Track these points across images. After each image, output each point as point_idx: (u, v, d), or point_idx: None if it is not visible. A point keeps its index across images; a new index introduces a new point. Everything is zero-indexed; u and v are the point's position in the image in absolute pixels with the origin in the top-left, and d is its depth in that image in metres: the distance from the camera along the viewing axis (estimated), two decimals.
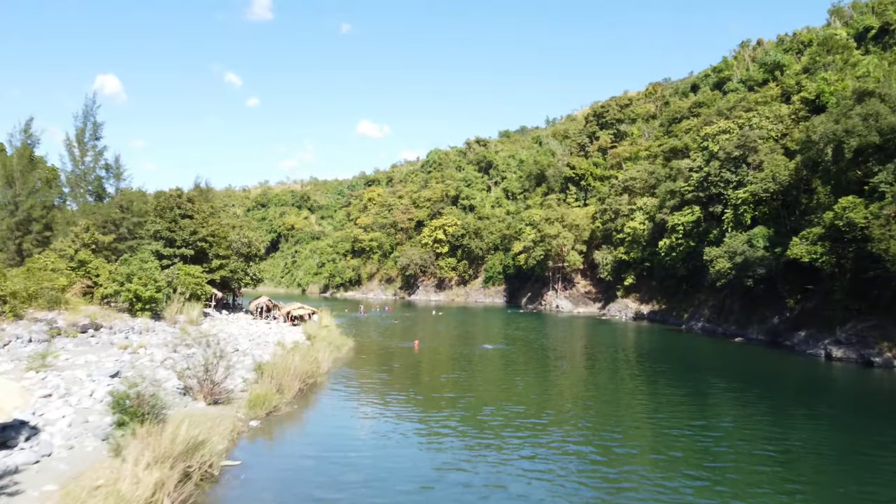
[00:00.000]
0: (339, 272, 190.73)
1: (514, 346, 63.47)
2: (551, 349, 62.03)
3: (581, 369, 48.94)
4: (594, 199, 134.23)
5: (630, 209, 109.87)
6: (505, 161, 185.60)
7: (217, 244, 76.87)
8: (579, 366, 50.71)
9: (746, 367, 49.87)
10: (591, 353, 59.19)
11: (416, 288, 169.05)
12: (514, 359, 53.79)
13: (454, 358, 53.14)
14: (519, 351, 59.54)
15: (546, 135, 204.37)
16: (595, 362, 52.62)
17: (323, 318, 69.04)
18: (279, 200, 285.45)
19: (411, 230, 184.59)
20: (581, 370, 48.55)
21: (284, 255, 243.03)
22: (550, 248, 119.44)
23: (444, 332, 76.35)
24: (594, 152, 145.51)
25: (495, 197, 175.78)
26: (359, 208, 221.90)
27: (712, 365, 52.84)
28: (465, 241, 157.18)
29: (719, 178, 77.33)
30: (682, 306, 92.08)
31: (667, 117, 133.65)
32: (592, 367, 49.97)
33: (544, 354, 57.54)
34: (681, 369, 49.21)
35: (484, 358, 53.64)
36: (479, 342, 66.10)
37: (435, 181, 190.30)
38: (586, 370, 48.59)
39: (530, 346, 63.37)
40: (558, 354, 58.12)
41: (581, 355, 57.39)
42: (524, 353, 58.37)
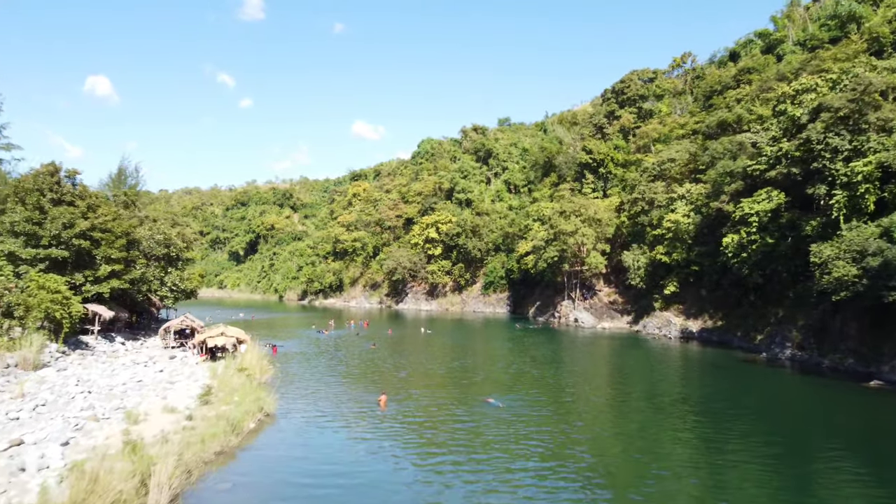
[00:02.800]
0: (319, 277, 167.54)
1: (535, 396, 40.54)
2: (598, 401, 39.15)
3: (678, 466, 25.81)
4: (616, 189, 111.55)
5: (669, 198, 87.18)
6: (506, 150, 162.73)
7: (108, 243, 53.69)
8: (667, 457, 27.64)
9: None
10: (670, 418, 36.14)
11: (404, 295, 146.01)
12: (547, 435, 30.74)
13: (441, 434, 30.22)
14: (548, 410, 36.65)
15: (552, 122, 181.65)
16: (693, 448, 29.63)
17: (247, 356, 45.94)
18: (260, 198, 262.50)
19: (399, 229, 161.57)
20: (679, 467, 25.41)
21: (262, 258, 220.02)
22: (566, 247, 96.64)
23: (433, 366, 53.42)
24: (614, 134, 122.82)
25: (496, 190, 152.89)
26: (342, 205, 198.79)
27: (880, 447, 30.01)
28: (461, 241, 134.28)
29: (823, 147, 54.41)
30: (750, 324, 69.39)
31: (703, 90, 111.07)
32: (695, 467, 26.86)
33: (594, 418, 34.62)
34: (827, 450, 26.26)
35: (495, 434, 30.63)
36: (482, 386, 43.37)
37: (427, 173, 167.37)
38: (686, 469, 25.43)
39: (560, 395, 40.51)
40: (619, 425, 35.02)
41: (656, 430, 34.34)
42: (556, 414, 35.50)
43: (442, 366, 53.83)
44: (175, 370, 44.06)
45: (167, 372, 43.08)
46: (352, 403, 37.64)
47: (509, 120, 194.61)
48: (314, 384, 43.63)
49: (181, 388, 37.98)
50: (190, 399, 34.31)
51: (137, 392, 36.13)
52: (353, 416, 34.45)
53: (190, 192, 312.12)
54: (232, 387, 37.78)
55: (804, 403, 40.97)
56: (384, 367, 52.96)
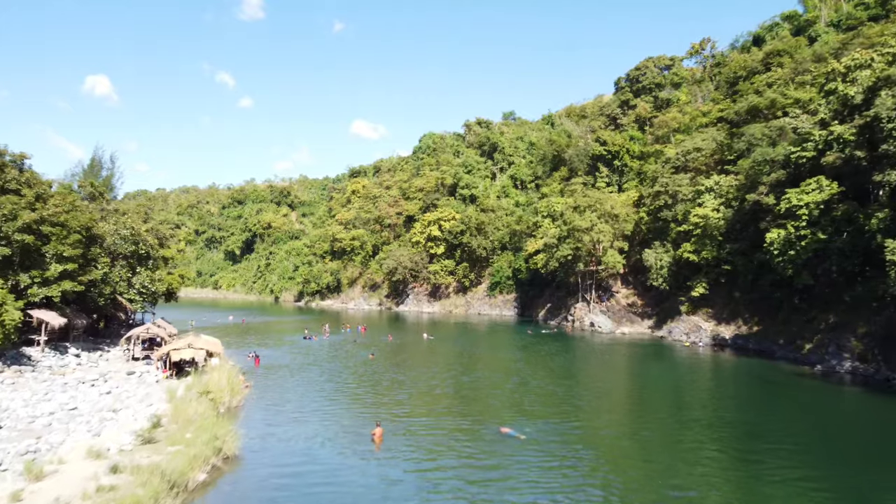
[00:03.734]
0: (315, 277, 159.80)
1: (560, 422, 32.78)
2: (638, 430, 31.38)
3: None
4: (633, 182, 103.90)
5: (695, 191, 79.50)
6: (512, 144, 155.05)
7: (60, 238, 46.06)
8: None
9: None
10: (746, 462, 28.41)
11: (405, 296, 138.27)
12: (581, 478, 22.93)
13: (450, 481, 22.46)
14: (579, 443, 28.88)
15: (559, 115, 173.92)
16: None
17: (216, 373, 38.27)
18: (257, 196, 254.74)
19: (400, 227, 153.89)
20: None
21: (258, 258, 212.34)
22: (581, 245, 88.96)
23: (438, 382, 45.70)
24: (629, 124, 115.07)
25: (501, 185, 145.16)
26: (341, 203, 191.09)
27: None
28: (465, 239, 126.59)
29: (892, 125, 46.66)
30: (794, 331, 61.66)
31: (726, 77, 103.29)
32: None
33: (636, 453, 26.86)
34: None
35: (518, 478, 22.81)
36: (496, 410, 35.74)
37: (429, 168, 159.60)
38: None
39: (590, 421, 32.69)
40: (669, 463, 27.19)
41: (717, 470, 26.59)
42: (588, 448, 27.79)
43: (448, 382, 46.08)
44: (127, 391, 36.38)
45: (116, 394, 35.42)
46: (339, 439, 29.91)
47: (514, 114, 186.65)
48: (295, 409, 35.90)
49: (125, 418, 30.34)
50: (130, 436, 26.65)
51: (66, 425, 28.53)
52: (340, 458, 26.77)
53: (187, 191, 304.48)
54: (188, 416, 30.18)
55: (880, 429, 33.39)
56: (382, 383, 45.28)
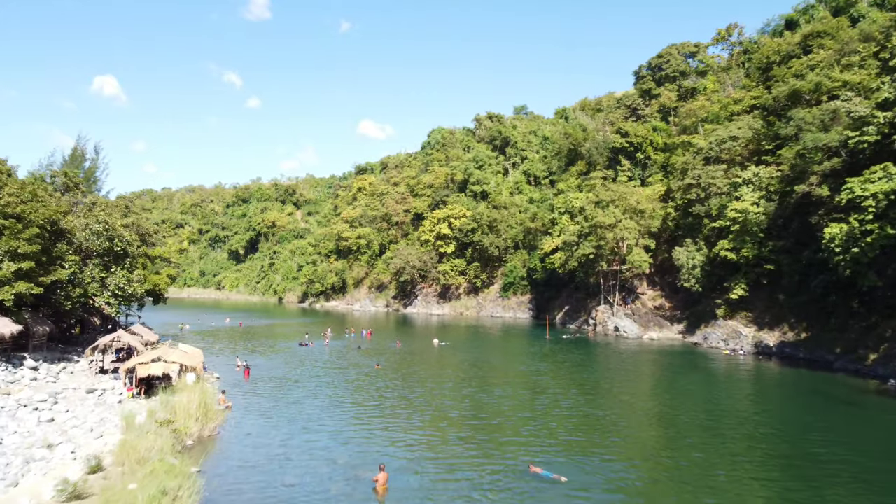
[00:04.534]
0: (320, 277, 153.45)
1: (604, 457, 26.00)
2: (700, 465, 24.59)
3: None
4: (657, 176, 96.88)
5: (731, 184, 72.53)
6: (525, 138, 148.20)
7: (13, 233, 39.75)
8: None
9: None
10: None
11: (413, 298, 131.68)
12: None
13: None
14: (634, 488, 22.30)
15: (573, 109, 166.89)
16: None
17: (185, 394, 31.78)
18: (262, 195, 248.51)
19: (408, 225, 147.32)
20: None
21: (262, 257, 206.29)
22: (604, 242, 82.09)
23: (453, 401, 39.12)
24: (652, 115, 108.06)
25: (514, 181, 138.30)
26: (346, 200, 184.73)
27: None
28: (476, 238, 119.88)
29: None
30: (852, 338, 54.65)
31: (758, 63, 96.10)
32: None
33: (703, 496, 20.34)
34: None
35: None
36: (524, 439, 28.99)
37: (438, 164, 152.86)
38: None
39: (639, 454, 25.85)
40: None
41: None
42: (641, 496, 21.26)
43: (464, 401, 39.39)
44: (76, 417, 29.96)
45: (61, 421, 29.03)
46: (332, 485, 23.35)
47: (526, 108, 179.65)
48: (281, 441, 29.36)
49: (60, 456, 23.91)
50: (52, 491, 20.16)
51: None
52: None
53: (193, 190, 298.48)
54: (141, 455, 23.72)
55: None
56: (388, 401, 38.74)
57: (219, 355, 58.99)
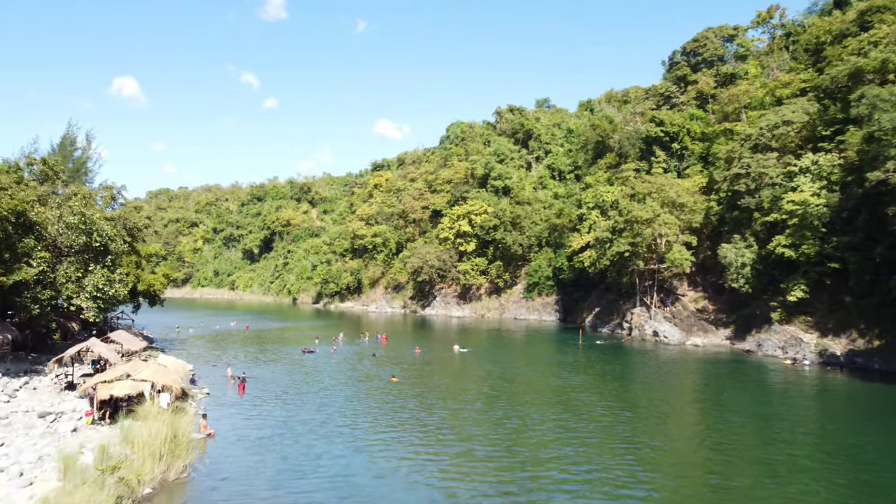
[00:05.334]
0: (334, 277, 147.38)
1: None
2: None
3: None
4: (696, 167, 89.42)
5: (785, 173, 65.19)
6: (548, 130, 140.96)
7: None
8: None
9: None
10: None
11: (431, 298, 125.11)
12: None
13: None
14: None
15: (599, 101, 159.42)
16: None
17: (150, 427, 25.40)
18: (277, 193, 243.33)
19: (426, 222, 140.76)
20: None
21: (276, 257, 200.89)
22: (640, 239, 74.99)
23: (478, 430, 32.57)
24: (689, 102, 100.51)
25: (538, 176, 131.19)
26: (362, 198, 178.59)
27: None
28: (498, 235, 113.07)
29: None
30: None
31: (805, 44, 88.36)
32: None
33: None
34: None
35: None
36: (574, 488, 22.26)
37: (457, 159, 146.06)
38: None
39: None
40: None
41: None
42: None
43: (495, 430, 32.71)
44: (13, 452, 23.76)
45: None
46: None
47: (549, 101, 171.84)
48: (270, 486, 22.96)
49: None
50: None
51: None
52: None
53: (209, 190, 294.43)
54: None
55: None
56: (403, 427, 32.27)
57: (216, 364, 52.95)
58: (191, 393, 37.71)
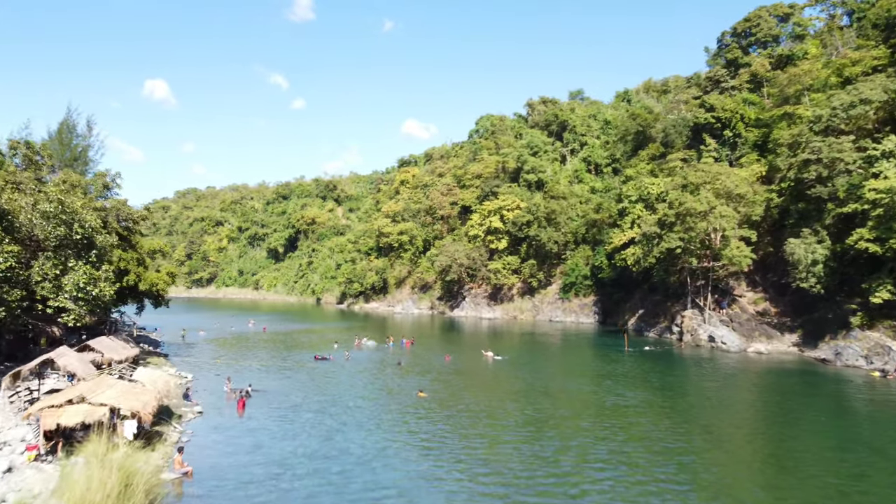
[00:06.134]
0: (359, 276, 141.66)
1: None
2: None
3: None
4: (752, 156, 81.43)
5: (864, 158, 57.34)
6: (584, 122, 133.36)
7: None
8: None
9: None
10: None
11: (460, 299, 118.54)
12: None
13: None
14: None
15: (637, 91, 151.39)
16: None
17: (104, 467, 19.16)
18: (303, 191, 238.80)
19: (454, 219, 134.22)
20: None
21: (301, 256, 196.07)
22: (693, 234, 67.53)
23: (520, 467, 25.94)
24: (741, 86, 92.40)
25: (573, 169, 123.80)
26: (388, 195, 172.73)
27: None
28: (532, 232, 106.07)
29: None
30: None
31: (874, 19, 79.94)
32: None
33: None
34: None
35: None
36: None
37: (487, 153, 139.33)
38: None
39: None
40: None
41: None
42: None
43: (546, 468, 26.08)
44: None
45: None
46: None
47: (582, 93, 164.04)
48: None
49: None
50: None
51: None
52: None
53: (237, 189, 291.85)
54: None
55: None
56: (432, 465, 25.75)
57: (220, 373, 47.10)
58: (179, 412, 31.76)
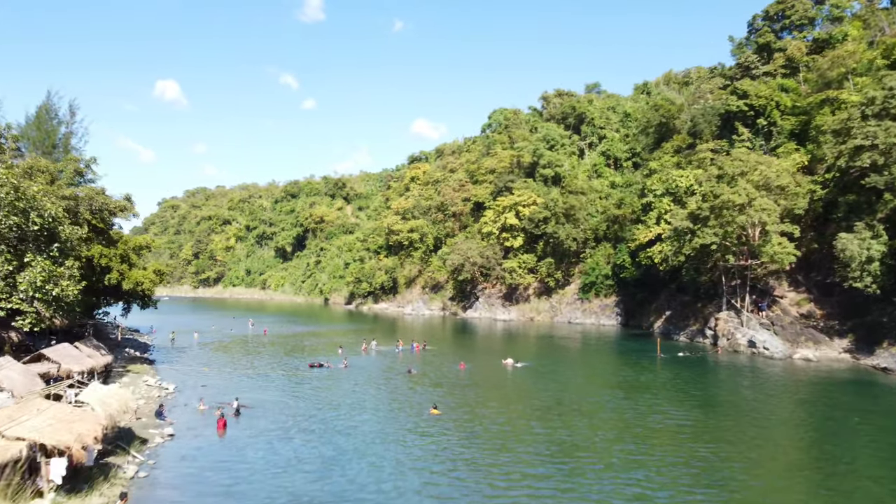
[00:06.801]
0: (368, 276, 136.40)
1: None
2: None
3: None
4: (790, 145, 75.30)
5: None
6: (602, 114, 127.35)
7: None
8: None
9: None
10: None
11: (474, 299, 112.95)
12: None
13: None
14: None
15: (657, 83, 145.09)
16: None
17: None
18: (311, 190, 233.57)
19: (467, 216, 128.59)
20: None
21: (309, 255, 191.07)
22: (730, 229, 61.61)
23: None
24: (776, 71, 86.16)
25: (592, 163, 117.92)
26: (398, 192, 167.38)
27: None
28: (549, 228, 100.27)
29: None
30: None
31: None
32: None
33: None
34: None
35: None
36: None
37: (501, 147, 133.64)
38: None
39: None
40: None
41: None
42: None
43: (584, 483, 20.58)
44: None
45: None
46: None
47: (599, 86, 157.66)
48: None
49: None
50: None
51: None
52: None
53: (246, 188, 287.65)
54: None
55: None
56: (446, 500, 20.36)
57: (206, 383, 41.86)
58: (144, 436, 26.49)
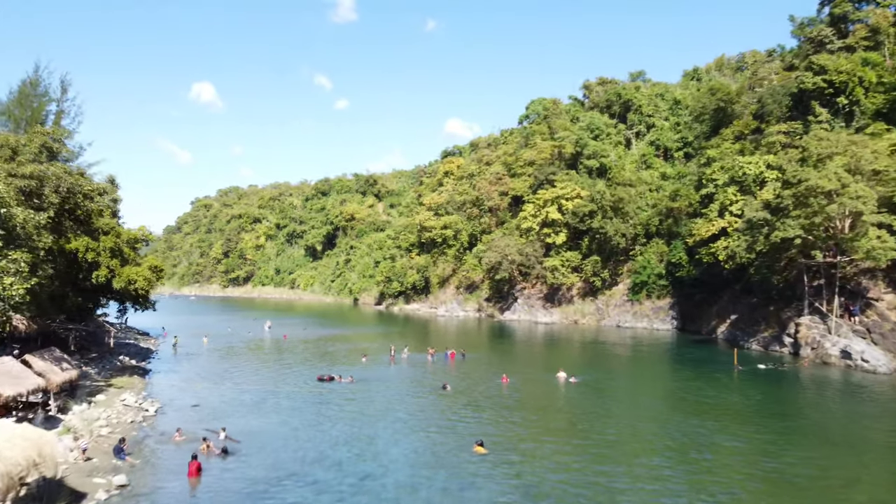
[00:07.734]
0: (399, 275, 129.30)
1: None
2: None
3: None
4: (879, 125, 65.69)
5: None
6: (651, 101, 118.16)
7: None
8: None
9: None
10: None
11: (512, 301, 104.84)
12: None
13: None
14: None
15: (708, 69, 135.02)
16: None
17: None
18: (342, 187, 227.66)
19: (504, 211, 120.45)
20: None
21: (338, 254, 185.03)
22: (819, 220, 52.59)
23: None
24: (858, 44, 76.42)
25: (640, 154, 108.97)
26: (431, 187, 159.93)
27: None
28: (595, 223, 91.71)
29: None
30: None
31: None
32: None
33: None
34: None
35: None
36: None
37: (540, 137, 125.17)
38: None
39: None
40: None
41: None
42: None
43: None
44: None
45: None
46: None
47: (644, 74, 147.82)
48: None
49: None
50: None
51: None
52: None
53: (277, 186, 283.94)
54: None
55: None
56: None
57: (198, 403, 34.86)
58: (84, 489, 19.37)
